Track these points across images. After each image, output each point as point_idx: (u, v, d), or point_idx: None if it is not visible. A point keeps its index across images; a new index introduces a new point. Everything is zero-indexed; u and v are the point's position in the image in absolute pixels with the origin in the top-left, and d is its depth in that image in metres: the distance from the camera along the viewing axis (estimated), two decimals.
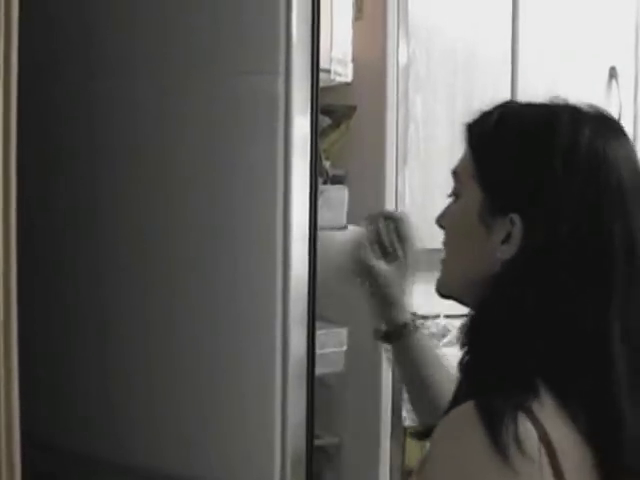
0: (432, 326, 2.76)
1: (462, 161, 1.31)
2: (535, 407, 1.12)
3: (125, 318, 1.57)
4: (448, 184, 2.31)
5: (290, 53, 1.42)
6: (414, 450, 2.51)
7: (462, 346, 1.26)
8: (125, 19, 1.54)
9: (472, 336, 1.26)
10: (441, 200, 2.30)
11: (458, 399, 1.22)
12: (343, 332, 1.74)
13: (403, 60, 1.98)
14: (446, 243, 1.37)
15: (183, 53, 1.50)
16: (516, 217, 1.21)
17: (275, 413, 1.46)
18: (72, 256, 1.66)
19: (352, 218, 2.06)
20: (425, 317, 2.74)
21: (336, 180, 2.03)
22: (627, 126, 1.27)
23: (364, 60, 2.05)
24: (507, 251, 1.22)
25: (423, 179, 2.32)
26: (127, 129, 1.56)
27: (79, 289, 1.64)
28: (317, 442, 2.12)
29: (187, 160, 1.50)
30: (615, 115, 2.03)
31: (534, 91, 2.34)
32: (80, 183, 1.63)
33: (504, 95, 2.36)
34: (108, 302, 1.60)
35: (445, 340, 2.80)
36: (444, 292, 1.37)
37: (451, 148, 2.32)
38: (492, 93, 2.37)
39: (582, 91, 2.33)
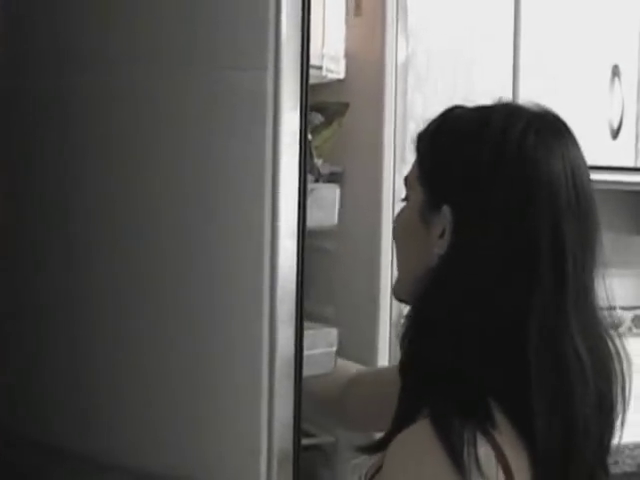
0: None
1: (411, 167, 1.36)
2: (491, 429, 1.12)
3: (109, 317, 1.56)
4: None
5: (279, 48, 1.40)
6: None
7: (400, 346, 1.26)
8: (107, 12, 1.52)
9: (409, 333, 1.26)
10: None
11: (404, 409, 1.21)
12: (333, 332, 1.72)
13: (402, 57, 1.96)
14: (397, 248, 1.39)
15: (167, 48, 1.48)
16: (447, 209, 1.22)
17: (262, 413, 1.44)
18: (49, 254, 1.64)
19: (348, 216, 2.05)
20: None
21: (332, 178, 2.01)
22: (630, 124, 1.26)
23: (362, 57, 2.03)
24: (442, 245, 1.23)
25: None
26: (111, 125, 1.54)
27: (62, 285, 1.62)
28: (313, 441, 2.11)
29: (172, 157, 1.49)
30: (617, 114, 2.03)
31: (536, 89, 2.35)
32: (57, 179, 1.62)
33: (505, 94, 2.33)
34: (92, 299, 1.59)
35: None
36: (399, 296, 1.41)
37: None
38: (494, 92, 2.33)
39: (584, 89, 2.34)
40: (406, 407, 1.22)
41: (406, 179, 1.38)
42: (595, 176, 1.25)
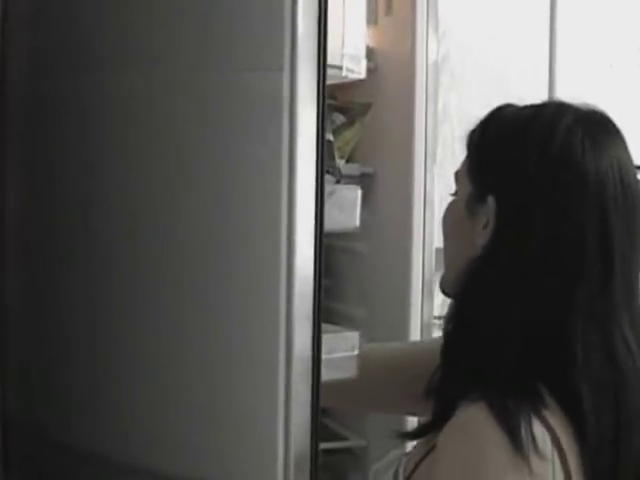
0: None
1: (461, 162, 1.38)
2: (545, 411, 1.13)
3: (128, 318, 1.56)
4: None
5: (295, 48, 1.39)
6: None
7: (444, 335, 1.28)
8: (124, 12, 1.52)
9: (452, 322, 1.28)
10: None
11: (449, 395, 1.22)
12: (354, 335, 1.70)
13: (432, 56, 1.95)
14: (445, 242, 1.41)
15: (183, 49, 1.47)
16: (491, 200, 1.23)
17: (279, 416, 1.43)
18: (69, 255, 1.65)
19: (380, 217, 2.04)
20: None
21: (363, 179, 2.00)
22: None
23: (393, 56, 2.02)
24: (485, 235, 1.25)
25: None
26: (126, 126, 1.54)
27: (84, 285, 1.63)
28: (344, 444, 2.11)
29: (188, 158, 1.48)
30: None
31: (572, 88, 2.32)
32: (73, 180, 1.63)
33: (541, 94, 2.31)
34: (113, 300, 1.59)
35: None
36: (446, 290, 1.40)
37: None
38: (529, 91, 2.32)
39: (619, 89, 2.30)
40: (450, 393, 1.23)
41: (456, 174, 1.40)
42: None
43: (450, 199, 1.41)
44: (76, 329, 1.64)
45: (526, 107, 1.32)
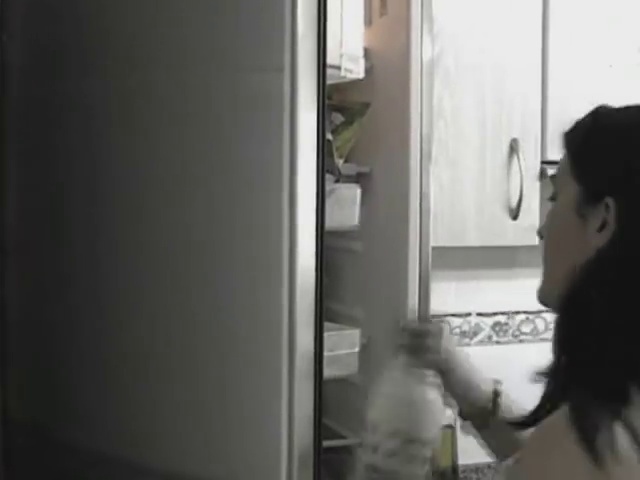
0: (463, 324, 2.74)
1: (560, 165, 1.33)
2: (629, 414, 1.11)
3: (130, 318, 1.57)
4: (478, 182, 2.31)
5: (295, 49, 1.41)
6: (446, 449, 2.48)
7: (555, 346, 1.23)
8: (123, 15, 1.53)
9: (565, 329, 1.24)
10: (470, 198, 2.30)
11: (549, 400, 1.21)
12: (355, 333, 1.72)
13: (427, 56, 1.95)
14: (546, 248, 1.36)
15: (184, 49, 1.48)
16: (610, 200, 1.21)
17: (282, 413, 1.44)
18: (69, 254, 1.66)
19: (376, 216, 2.05)
20: (455, 315, 2.73)
21: (360, 179, 2.01)
22: None
23: (388, 56, 2.03)
24: (601, 238, 1.22)
25: (452, 177, 2.30)
26: (126, 127, 1.55)
27: (90, 293, 1.64)
28: (343, 442, 2.11)
29: (190, 159, 1.49)
30: None
31: (566, 89, 2.33)
32: (78, 179, 1.63)
33: (534, 93, 2.33)
34: (115, 302, 1.60)
35: (477, 339, 2.77)
36: (545, 300, 1.35)
37: (481, 146, 2.32)
38: (522, 90, 2.34)
39: (613, 86, 2.30)
40: (551, 392, 1.22)
41: (553, 177, 1.36)
42: None
43: (549, 206, 1.35)
44: (79, 329, 1.65)
45: (627, 107, 1.29)
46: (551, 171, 2.32)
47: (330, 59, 1.48)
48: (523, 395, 2.69)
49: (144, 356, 1.56)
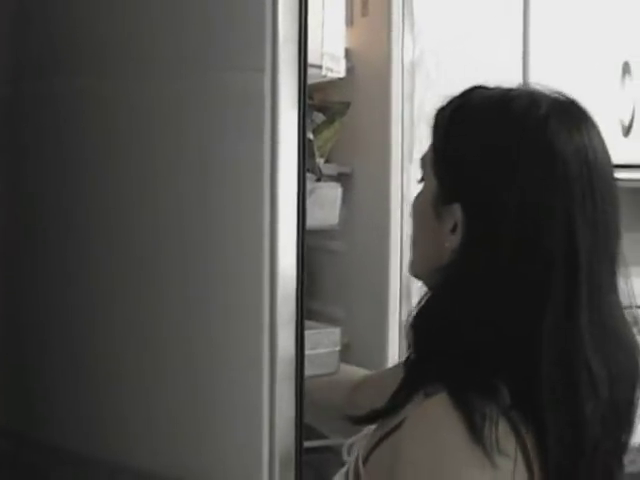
0: None
1: (427, 148, 1.30)
2: (509, 410, 1.12)
3: (106, 318, 1.56)
4: None
5: (276, 48, 1.40)
6: None
7: (411, 325, 1.24)
8: (107, 14, 1.52)
9: (418, 326, 1.24)
10: None
11: (407, 385, 1.22)
12: (336, 332, 1.71)
13: (408, 57, 1.95)
14: (413, 227, 1.36)
15: (165, 48, 1.48)
16: (457, 207, 1.19)
17: (263, 414, 1.44)
18: (41, 257, 1.65)
19: (357, 217, 2.05)
20: None
21: (341, 179, 2.01)
22: None
23: (369, 57, 2.03)
24: (453, 240, 1.21)
25: None
26: (109, 127, 1.55)
27: (57, 290, 1.63)
28: (325, 442, 2.11)
29: (171, 159, 1.49)
30: (629, 111, 1.99)
31: (545, 86, 2.33)
32: (57, 179, 1.63)
33: None
34: (90, 301, 1.59)
35: None
36: (412, 273, 1.36)
37: None
38: None
39: (595, 86, 2.31)
40: (412, 383, 1.21)
41: (422, 160, 1.32)
42: None
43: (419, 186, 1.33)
44: (53, 328, 1.64)
45: (497, 94, 1.25)
46: None
47: (311, 58, 1.47)
48: None
49: (119, 357, 1.55)
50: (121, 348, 1.55)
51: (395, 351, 1.97)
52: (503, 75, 2.30)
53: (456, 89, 2.25)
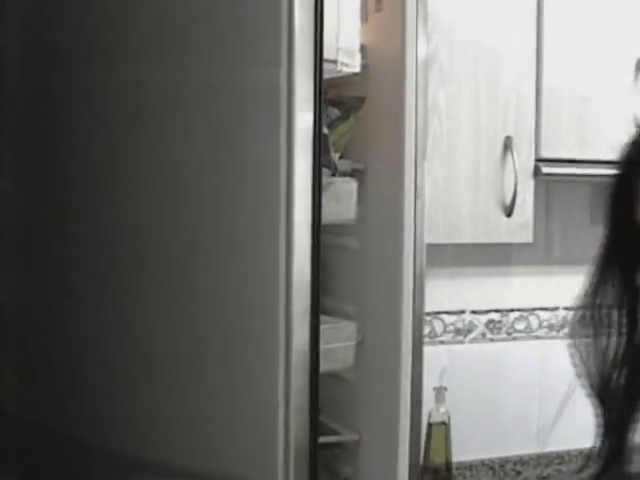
0: (457, 322, 2.74)
1: None
2: None
3: (131, 315, 1.57)
4: (472, 179, 2.31)
5: (292, 43, 1.40)
6: (440, 446, 2.49)
7: None
8: (120, 8, 1.52)
9: None
10: (464, 195, 2.30)
11: None
12: (351, 326, 1.71)
13: (422, 52, 1.95)
14: None
15: (179, 44, 1.48)
16: None
17: (279, 407, 1.44)
18: (67, 249, 1.65)
19: (370, 213, 2.05)
20: (449, 313, 2.73)
21: (354, 175, 2.01)
22: None
23: (383, 52, 2.03)
24: None
25: (447, 173, 2.30)
26: (123, 122, 1.55)
27: (83, 286, 1.64)
28: (336, 438, 2.11)
29: (185, 155, 1.49)
30: None
31: (559, 83, 2.33)
32: (77, 176, 1.63)
33: (529, 90, 2.33)
34: (116, 298, 1.60)
35: (470, 336, 2.77)
36: None
37: (475, 143, 2.32)
38: (516, 85, 2.35)
39: (608, 83, 2.31)
40: None
41: None
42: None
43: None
44: (81, 324, 1.64)
45: None
46: (545, 169, 2.34)
47: (327, 53, 1.48)
48: (515, 392, 2.70)
49: (146, 355, 1.56)
50: (148, 347, 1.55)
51: (409, 350, 1.97)
52: (517, 71, 2.33)
53: (470, 84, 2.27)
